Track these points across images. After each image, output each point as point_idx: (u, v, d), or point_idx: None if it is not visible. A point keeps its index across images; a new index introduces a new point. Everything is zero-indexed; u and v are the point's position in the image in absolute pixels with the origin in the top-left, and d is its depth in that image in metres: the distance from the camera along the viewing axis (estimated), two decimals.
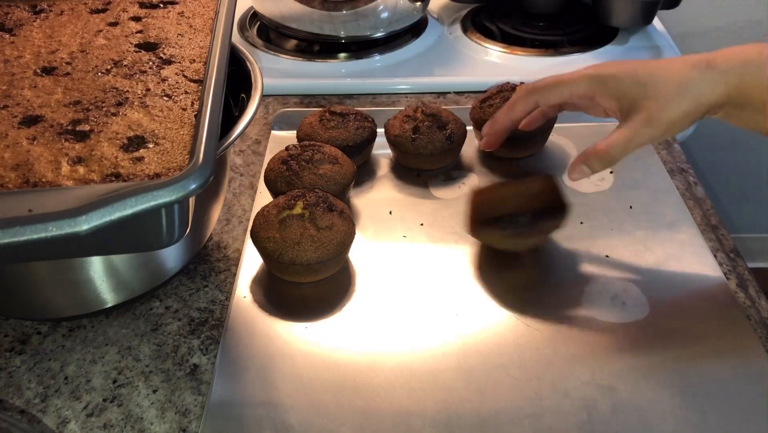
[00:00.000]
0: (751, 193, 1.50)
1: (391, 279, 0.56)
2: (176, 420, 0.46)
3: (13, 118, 0.41)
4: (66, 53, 0.49)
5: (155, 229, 0.36)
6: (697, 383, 0.46)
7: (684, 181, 0.66)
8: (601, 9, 0.89)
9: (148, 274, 0.53)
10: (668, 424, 0.44)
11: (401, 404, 0.46)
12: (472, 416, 0.45)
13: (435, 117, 0.66)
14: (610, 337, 0.50)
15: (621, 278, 0.55)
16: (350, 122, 0.66)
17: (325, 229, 0.53)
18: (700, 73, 0.48)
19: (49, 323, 0.53)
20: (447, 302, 0.53)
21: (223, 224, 0.62)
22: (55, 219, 0.31)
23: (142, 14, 0.54)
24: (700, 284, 0.54)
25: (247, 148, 0.73)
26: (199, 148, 0.37)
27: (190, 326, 0.53)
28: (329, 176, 0.59)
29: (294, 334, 0.51)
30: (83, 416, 0.46)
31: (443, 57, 0.89)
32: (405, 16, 0.91)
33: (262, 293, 0.55)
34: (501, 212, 0.57)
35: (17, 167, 0.37)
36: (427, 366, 0.49)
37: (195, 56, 0.49)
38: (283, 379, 0.48)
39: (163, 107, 0.43)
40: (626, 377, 0.47)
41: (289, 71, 0.86)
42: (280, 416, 0.45)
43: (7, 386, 0.48)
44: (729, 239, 0.59)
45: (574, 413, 0.45)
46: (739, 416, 0.44)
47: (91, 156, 0.38)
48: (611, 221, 0.61)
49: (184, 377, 0.49)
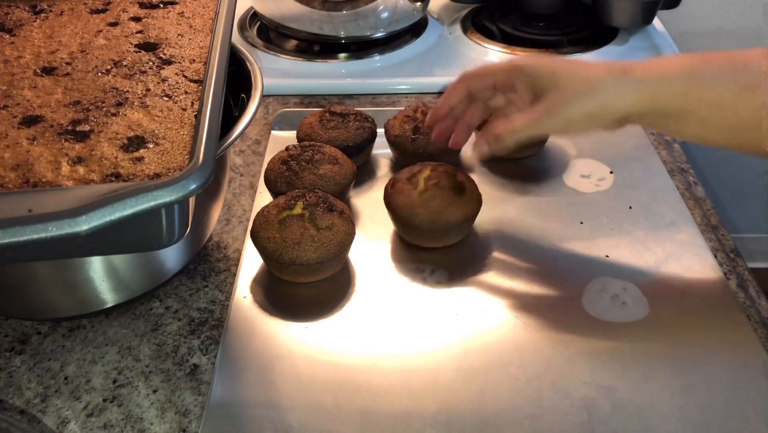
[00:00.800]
0: (751, 193, 1.50)
1: (391, 279, 0.56)
2: (176, 420, 0.46)
3: (13, 119, 0.41)
4: (66, 53, 0.49)
5: (155, 229, 0.36)
6: (697, 383, 0.46)
7: (684, 181, 0.66)
8: (601, 9, 0.89)
9: (148, 274, 0.53)
10: (668, 424, 0.44)
11: (401, 404, 0.46)
12: (472, 416, 0.45)
13: None
14: (610, 337, 0.50)
15: (621, 278, 0.55)
16: (350, 122, 0.66)
17: (325, 229, 0.53)
18: (613, 79, 0.48)
19: (49, 323, 0.53)
20: (447, 302, 0.53)
21: (223, 224, 0.62)
22: (55, 219, 0.31)
23: (142, 14, 0.54)
24: (700, 284, 0.54)
25: (247, 148, 0.73)
26: (199, 148, 0.37)
27: (190, 326, 0.53)
28: (329, 176, 0.59)
29: (294, 334, 0.51)
30: (83, 416, 0.46)
31: (443, 57, 0.89)
32: (405, 16, 0.91)
33: (262, 293, 0.55)
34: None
35: (17, 167, 0.37)
36: (427, 366, 0.49)
37: (195, 56, 0.49)
38: (283, 379, 0.48)
39: (163, 107, 0.43)
40: (626, 377, 0.47)
41: (289, 71, 0.86)
42: (280, 416, 0.45)
43: (7, 386, 0.48)
44: (729, 239, 0.59)
45: (574, 413, 0.45)
46: (739, 416, 0.44)
47: (91, 156, 0.38)
48: (611, 221, 0.61)
49: (184, 377, 0.49)
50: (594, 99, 0.49)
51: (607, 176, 0.66)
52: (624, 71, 0.48)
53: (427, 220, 0.55)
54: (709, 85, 0.47)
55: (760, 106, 0.46)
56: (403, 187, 0.57)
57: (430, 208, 0.56)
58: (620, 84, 0.48)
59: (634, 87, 0.48)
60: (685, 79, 0.47)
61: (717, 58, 0.48)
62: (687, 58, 0.49)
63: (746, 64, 0.47)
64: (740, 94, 0.46)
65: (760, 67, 0.46)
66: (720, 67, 0.47)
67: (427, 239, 0.58)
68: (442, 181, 0.56)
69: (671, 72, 0.48)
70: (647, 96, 0.48)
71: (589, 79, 0.49)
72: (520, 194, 0.64)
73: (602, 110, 0.49)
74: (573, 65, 0.50)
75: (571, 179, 0.66)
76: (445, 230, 0.56)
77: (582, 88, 0.49)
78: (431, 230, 0.56)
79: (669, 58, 0.50)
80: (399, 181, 0.58)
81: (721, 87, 0.47)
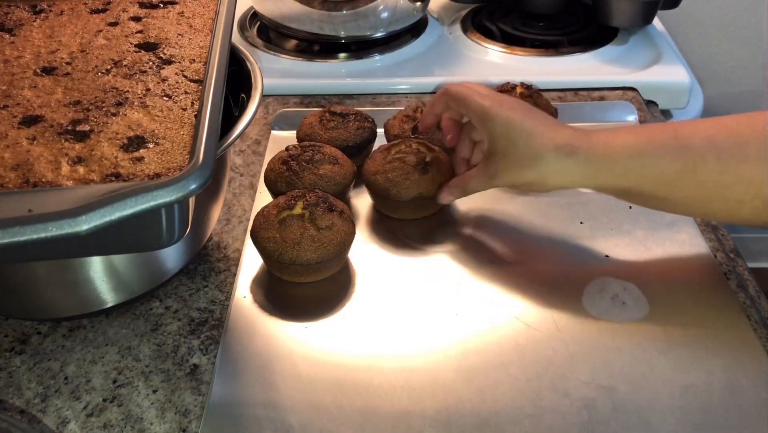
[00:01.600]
0: None
1: (391, 279, 0.56)
2: (176, 420, 0.46)
3: (13, 118, 0.41)
4: (66, 53, 0.49)
5: (155, 229, 0.36)
6: (697, 383, 0.46)
7: None
8: (601, 9, 0.89)
9: (148, 274, 0.53)
10: (668, 424, 0.44)
11: (401, 404, 0.46)
12: (472, 416, 0.45)
13: None
14: (610, 337, 0.50)
15: (621, 278, 0.55)
16: (350, 122, 0.66)
17: (325, 229, 0.53)
18: (557, 156, 0.50)
19: (49, 323, 0.53)
20: (447, 302, 0.53)
21: (223, 224, 0.62)
22: (55, 219, 0.31)
23: (142, 14, 0.54)
24: (700, 284, 0.54)
25: (247, 148, 0.73)
26: (199, 148, 0.37)
27: (190, 326, 0.53)
28: (329, 177, 0.59)
29: (294, 334, 0.51)
30: (83, 416, 0.46)
31: (443, 57, 0.89)
32: (405, 16, 0.91)
33: (262, 293, 0.55)
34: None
35: (17, 167, 0.37)
36: (427, 366, 0.49)
37: (195, 56, 0.49)
38: (283, 379, 0.48)
39: (163, 107, 0.43)
40: (626, 377, 0.47)
41: (289, 71, 0.86)
42: (280, 416, 0.45)
43: (7, 386, 0.48)
44: (729, 239, 0.59)
45: (574, 413, 0.45)
46: (739, 416, 0.44)
47: (91, 156, 0.38)
48: (611, 221, 0.61)
49: (184, 377, 0.49)
50: (535, 172, 0.52)
51: None
52: (569, 151, 0.50)
53: (383, 188, 0.60)
54: (651, 166, 0.49)
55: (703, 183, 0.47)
56: (377, 154, 0.62)
57: (388, 177, 0.60)
58: (562, 163, 0.50)
59: (575, 168, 0.50)
60: (627, 160, 0.49)
61: (662, 135, 0.49)
62: (633, 135, 0.50)
63: (689, 141, 0.48)
64: (681, 171, 0.48)
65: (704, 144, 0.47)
66: (662, 146, 0.48)
67: (384, 207, 0.62)
68: (409, 156, 0.60)
69: (613, 152, 0.49)
70: (588, 176, 0.51)
71: (534, 151, 0.51)
72: (520, 194, 0.64)
73: (542, 182, 0.52)
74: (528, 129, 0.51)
75: None
76: (398, 200, 0.60)
77: (525, 160, 0.52)
78: (386, 198, 0.60)
79: (615, 134, 0.51)
80: (379, 150, 0.63)
81: (663, 166, 0.48)
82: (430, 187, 0.59)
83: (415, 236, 0.60)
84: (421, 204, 0.60)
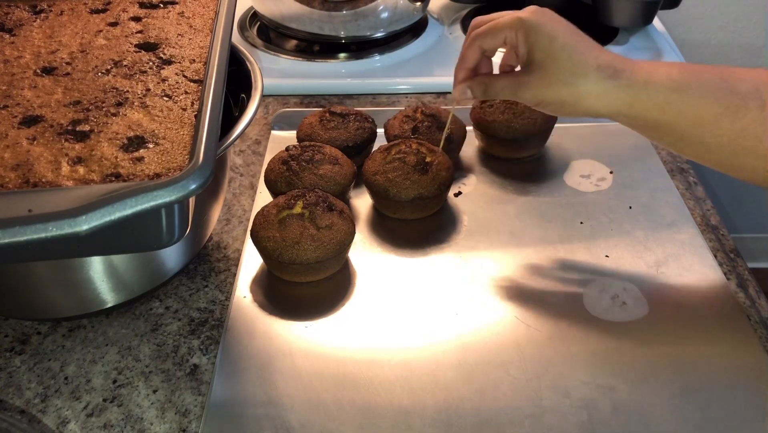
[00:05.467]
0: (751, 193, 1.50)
1: (390, 279, 0.56)
2: (176, 420, 0.46)
3: (13, 118, 0.41)
4: (66, 53, 0.49)
5: (155, 229, 0.36)
6: (697, 383, 0.47)
7: (684, 181, 0.66)
8: (601, 9, 0.89)
9: (148, 274, 0.53)
10: (668, 424, 0.44)
11: (401, 403, 0.46)
12: (472, 416, 0.45)
13: (435, 117, 0.66)
14: (610, 337, 0.50)
15: (621, 278, 0.55)
16: (350, 122, 0.66)
17: (324, 228, 0.53)
18: (598, 77, 0.47)
19: (49, 323, 0.53)
20: (447, 301, 0.54)
21: (223, 224, 0.62)
22: (55, 219, 0.31)
23: (142, 14, 0.54)
24: (700, 284, 0.54)
25: (247, 148, 0.73)
26: (199, 148, 0.37)
27: (190, 326, 0.53)
28: (329, 177, 0.59)
29: (294, 333, 0.51)
30: (83, 416, 0.46)
31: (443, 57, 0.89)
32: (405, 16, 0.91)
33: (262, 293, 0.55)
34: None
35: (17, 167, 0.37)
36: (427, 365, 0.49)
37: (195, 56, 0.49)
38: (283, 378, 0.48)
39: (163, 107, 0.43)
40: (626, 377, 0.47)
41: (289, 71, 0.86)
42: (280, 415, 0.45)
43: (7, 386, 0.48)
44: (729, 239, 0.59)
45: (574, 413, 0.45)
46: (739, 416, 0.44)
47: (91, 156, 0.38)
48: (611, 221, 0.61)
49: (184, 377, 0.49)
50: (569, 90, 0.48)
51: (607, 176, 0.66)
52: (612, 73, 0.48)
53: (383, 188, 0.60)
54: (691, 102, 0.46)
55: (740, 131, 0.46)
56: (377, 155, 0.62)
57: (387, 177, 0.60)
58: (601, 84, 0.48)
59: (614, 91, 0.48)
60: (668, 92, 0.47)
61: (709, 74, 0.47)
62: (677, 69, 0.48)
63: (735, 85, 0.46)
64: (721, 115, 0.46)
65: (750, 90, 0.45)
66: (706, 84, 0.47)
67: (384, 207, 0.62)
68: (409, 156, 0.60)
69: (656, 82, 0.47)
70: (626, 102, 0.48)
71: (576, 67, 0.48)
72: (520, 194, 0.64)
73: (575, 101, 0.49)
74: (573, 44, 0.48)
75: (571, 179, 0.66)
76: (398, 200, 0.60)
77: (564, 75, 0.48)
78: (386, 198, 0.60)
79: (659, 66, 0.49)
80: (379, 150, 0.63)
81: (704, 105, 0.46)
82: (430, 187, 0.59)
83: (414, 236, 0.60)
84: (421, 204, 0.60)
